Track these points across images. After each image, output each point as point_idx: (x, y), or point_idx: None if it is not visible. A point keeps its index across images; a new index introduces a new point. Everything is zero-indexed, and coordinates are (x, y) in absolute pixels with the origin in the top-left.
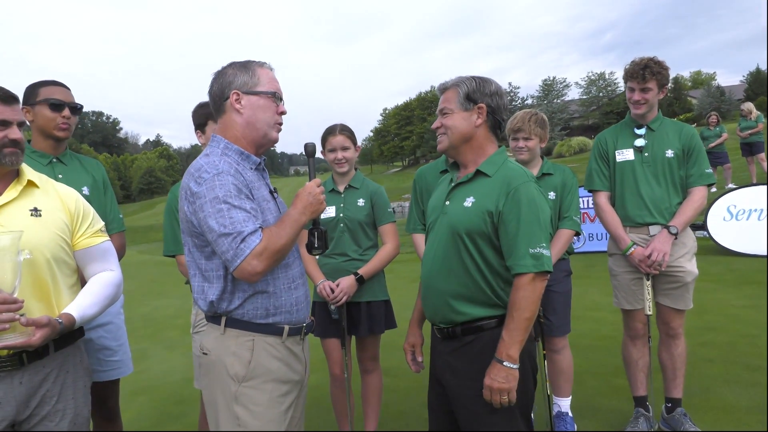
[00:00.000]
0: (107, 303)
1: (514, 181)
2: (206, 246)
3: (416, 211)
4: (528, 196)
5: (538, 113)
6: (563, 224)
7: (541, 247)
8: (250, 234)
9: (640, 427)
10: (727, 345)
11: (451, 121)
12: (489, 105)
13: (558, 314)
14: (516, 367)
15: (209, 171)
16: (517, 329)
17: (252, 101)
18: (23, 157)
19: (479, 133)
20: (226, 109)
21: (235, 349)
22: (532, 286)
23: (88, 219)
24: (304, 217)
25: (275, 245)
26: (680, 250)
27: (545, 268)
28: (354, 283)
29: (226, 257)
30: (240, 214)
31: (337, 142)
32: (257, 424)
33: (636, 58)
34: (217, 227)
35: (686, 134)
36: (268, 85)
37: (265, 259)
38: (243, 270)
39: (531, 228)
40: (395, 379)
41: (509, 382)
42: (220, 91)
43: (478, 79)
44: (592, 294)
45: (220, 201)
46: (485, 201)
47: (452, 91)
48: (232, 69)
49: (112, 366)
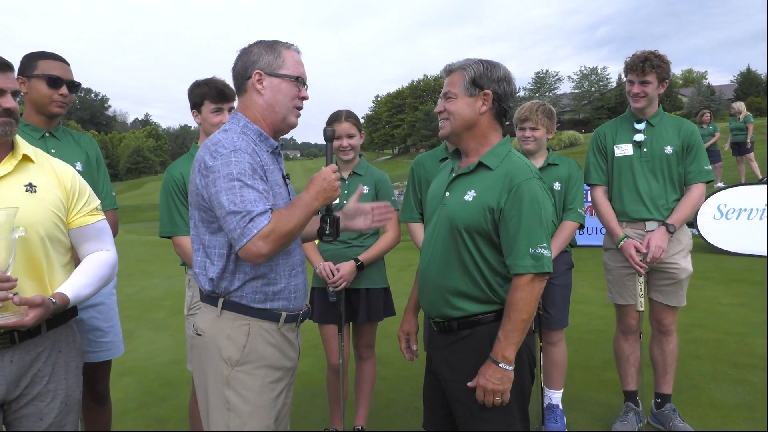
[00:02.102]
0: (102, 283)
1: (517, 177)
2: (213, 222)
3: (413, 200)
4: (531, 194)
5: (545, 104)
6: (567, 216)
7: (542, 248)
8: (259, 214)
9: (630, 421)
10: (715, 342)
11: (455, 106)
12: (495, 91)
13: (557, 307)
14: (511, 369)
15: (227, 146)
16: (514, 330)
17: (274, 83)
18: (17, 128)
19: (483, 120)
20: (247, 88)
21: (230, 332)
22: (531, 287)
23: (84, 197)
24: (317, 202)
25: (283, 228)
26: (676, 247)
27: (545, 269)
28: (354, 269)
29: (233, 236)
30: (252, 193)
31: (343, 129)
32: (247, 409)
33: (637, 51)
34: (228, 204)
35: (686, 130)
36: (293, 68)
37: (272, 241)
38: (248, 250)
39: (532, 227)
40: (386, 367)
41: (503, 384)
42: (243, 69)
43: (486, 63)
44: (583, 288)
45: (233, 178)
46: (486, 196)
47: (458, 74)
48: (258, 48)
49: (102, 347)
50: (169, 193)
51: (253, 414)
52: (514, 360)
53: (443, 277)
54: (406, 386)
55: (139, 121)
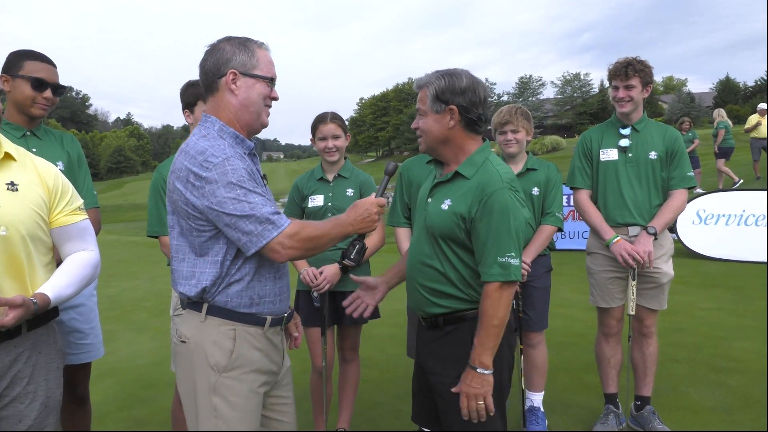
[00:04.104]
0: (83, 284)
1: (489, 188)
2: (205, 231)
3: (400, 204)
4: (501, 204)
5: (521, 107)
6: (546, 220)
7: (510, 257)
8: (274, 214)
9: (610, 423)
10: (694, 346)
11: (425, 124)
12: (460, 104)
13: (536, 309)
14: (489, 373)
15: (217, 155)
16: (487, 336)
17: (249, 83)
18: None
19: (454, 133)
20: (219, 87)
21: (216, 338)
22: (499, 294)
23: (66, 196)
24: (351, 228)
25: (309, 232)
26: (658, 252)
27: (512, 277)
28: (338, 272)
29: (249, 239)
30: (257, 198)
31: (329, 131)
32: (235, 415)
33: (620, 57)
34: (237, 211)
35: (670, 137)
36: (266, 68)
37: (297, 241)
38: (272, 249)
39: (501, 237)
40: (369, 369)
41: (484, 388)
42: (215, 67)
43: (448, 77)
44: (564, 291)
45: (235, 186)
46: (460, 205)
47: (423, 91)
48: (231, 45)
49: (82, 349)
50: (158, 192)
51: (242, 420)
52: (491, 364)
53: (425, 278)
54: (389, 389)
55: (120, 120)
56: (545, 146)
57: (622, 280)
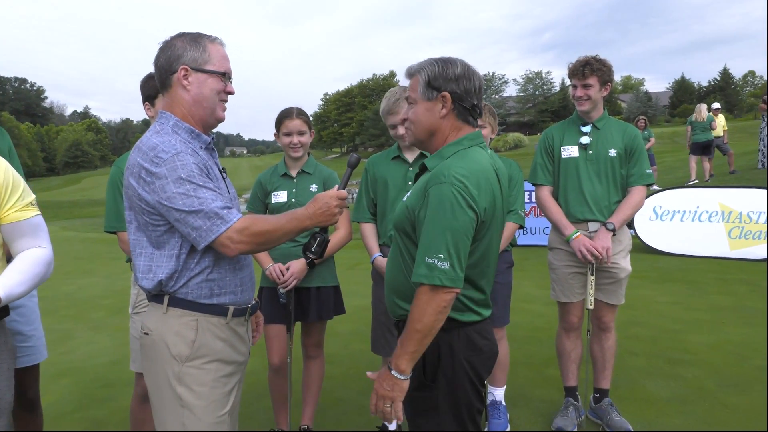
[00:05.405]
0: (36, 281)
1: (432, 180)
2: (159, 225)
3: (365, 200)
4: (437, 199)
5: (487, 104)
6: (508, 218)
7: (438, 258)
8: (223, 208)
9: (570, 416)
10: (650, 339)
11: (415, 114)
12: (454, 91)
13: (498, 305)
14: (403, 378)
15: (167, 150)
16: (408, 340)
17: (200, 79)
18: None
19: (445, 124)
20: (172, 83)
21: (178, 329)
22: (427, 298)
23: (18, 191)
24: (310, 221)
25: (258, 227)
26: (616, 247)
27: (436, 282)
28: (304, 267)
29: (199, 233)
30: (207, 192)
31: (294, 126)
32: (201, 405)
33: (580, 57)
34: (185, 206)
35: (629, 134)
36: (219, 63)
37: (247, 236)
38: (221, 244)
39: (432, 235)
40: (333, 366)
41: (394, 392)
42: (167, 63)
43: (441, 63)
44: (526, 287)
45: (184, 181)
46: (412, 196)
47: (415, 78)
48: (182, 42)
49: (25, 352)
50: (116, 186)
51: (207, 409)
52: (408, 370)
53: (389, 277)
54: (353, 385)
55: (77, 113)
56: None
57: (582, 275)
